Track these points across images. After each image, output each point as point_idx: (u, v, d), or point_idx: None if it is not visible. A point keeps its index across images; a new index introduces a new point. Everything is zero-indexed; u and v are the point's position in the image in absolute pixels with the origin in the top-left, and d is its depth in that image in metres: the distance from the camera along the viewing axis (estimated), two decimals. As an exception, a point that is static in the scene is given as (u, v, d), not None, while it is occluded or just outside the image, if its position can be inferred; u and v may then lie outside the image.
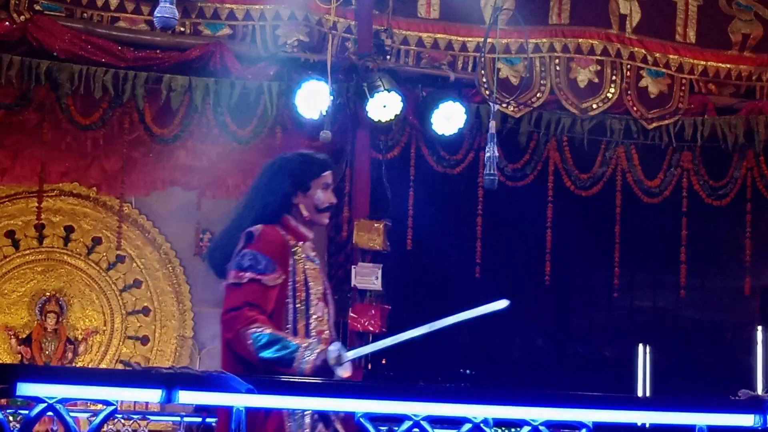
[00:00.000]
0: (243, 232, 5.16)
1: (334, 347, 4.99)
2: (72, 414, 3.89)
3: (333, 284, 10.46)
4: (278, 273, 5.10)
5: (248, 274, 5.05)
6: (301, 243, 5.30)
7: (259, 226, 5.16)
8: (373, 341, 5.13)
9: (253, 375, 4.86)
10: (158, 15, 4.91)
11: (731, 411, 3.97)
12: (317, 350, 4.95)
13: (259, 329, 4.92)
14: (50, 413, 3.40)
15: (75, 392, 3.42)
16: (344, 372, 5.03)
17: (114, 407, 3.48)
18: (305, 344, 4.97)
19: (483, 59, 10.42)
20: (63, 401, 3.39)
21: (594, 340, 12.41)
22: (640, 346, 14.20)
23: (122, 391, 3.49)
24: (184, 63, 9.96)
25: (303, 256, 5.28)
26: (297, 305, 5.19)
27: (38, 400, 3.39)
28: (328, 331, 5.29)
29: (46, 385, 3.39)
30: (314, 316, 5.23)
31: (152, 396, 3.49)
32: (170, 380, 3.46)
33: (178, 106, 9.95)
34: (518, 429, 3.80)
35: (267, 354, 4.90)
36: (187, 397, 3.53)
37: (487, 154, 6.05)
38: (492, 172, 5.90)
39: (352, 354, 5.05)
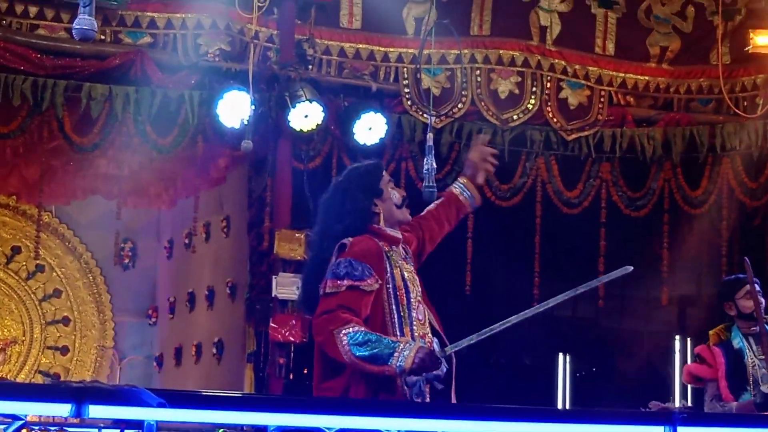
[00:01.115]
0: (336, 247, 5.14)
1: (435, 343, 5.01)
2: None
3: (255, 294, 10.49)
4: (374, 279, 5.08)
5: (345, 282, 5.03)
6: (395, 247, 5.30)
7: (350, 238, 5.16)
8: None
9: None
10: (77, 27, 4.82)
11: (641, 423, 4.02)
12: (416, 347, 4.90)
13: (354, 329, 4.89)
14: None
15: (-19, 407, 3.39)
16: (443, 368, 5.01)
17: (22, 422, 3.45)
18: (403, 341, 4.93)
19: (405, 70, 10.48)
20: (-30, 416, 3.36)
21: (514, 350, 12.47)
22: (560, 356, 14.32)
23: (31, 405, 3.46)
24: (104, 71, 9.87)
25: (399, 259, 5.28)
26: (400, 311, 5.15)
27: (-56, 415, 3.35)
28: (429, 335, 5.24)
29: (-48, 399, 3.35)
30: (416, 320, 5.20)
31: (62, 410, 3.46)
32: (80, 394, 3.43)
33: (98, 115, 9.86)
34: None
35: (363, 352, 4.86)
36: (97, 412, 3.50)
37: (426, 167, 6.11)
38: (431, 184, 5.98)
39: (450, 348, 5.05)
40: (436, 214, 5.81)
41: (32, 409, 3.50)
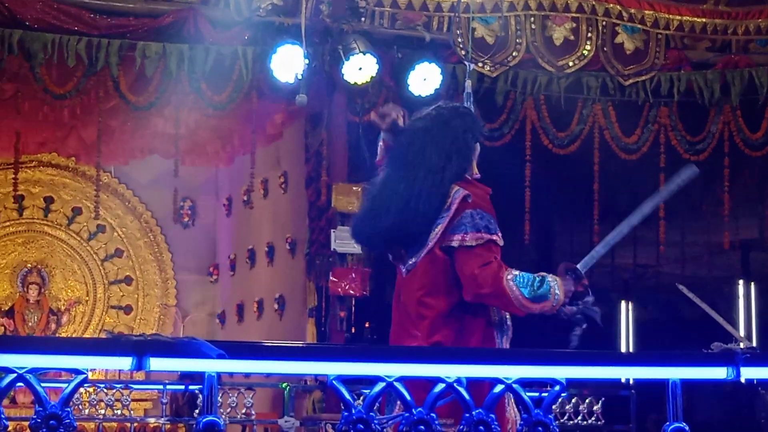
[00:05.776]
0: (457, 195, 4.97)
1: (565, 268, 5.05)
2: (54, 385, 3.88)
3: (315, 248, 10.52)
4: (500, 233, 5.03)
5: (486, 235, 4.93)
6: None
7: (459, 187, 4.99)
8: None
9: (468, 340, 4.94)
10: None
11: (703, 364, 3.97)
12: (558, 279, 4.97)
13: (516, 271, 4.88)
14: (20, 384, 3.38)
15: (44, 362, 3.40)
16: (589, 292, 5.09)
17: (84, 376, 3.46)
18: (549, 276, 4.96)
19: (458, 18, 10.39)
20: (33, 371, 3.37)
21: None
22: (623, 303, 14.28)
23: (92, 359, 3.47)
24: (157, 29, 9.88)
25: None
26: None
27: (8, 370, 3.37)
28: None
29: (16, 355, 3.37)
30: None
31: (122, 364, 3.47)
32: (140, 347, 3.43)
33: (152, 74, 9.88)
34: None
35: (529, 293, 4.86)
36: (158, 364, 3.51)
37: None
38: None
39: (582, 265, 5.09)
40: None
41: (93, 363, 3.52)
